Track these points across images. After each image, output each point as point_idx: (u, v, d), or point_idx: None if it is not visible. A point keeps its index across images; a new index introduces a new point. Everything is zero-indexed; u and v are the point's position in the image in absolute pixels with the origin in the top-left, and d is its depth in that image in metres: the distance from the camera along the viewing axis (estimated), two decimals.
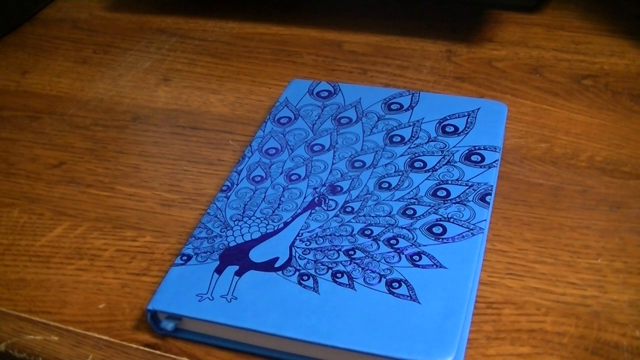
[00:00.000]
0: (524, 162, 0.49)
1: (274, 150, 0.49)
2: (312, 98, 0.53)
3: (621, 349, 0.37)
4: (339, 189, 0.45)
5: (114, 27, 0.70)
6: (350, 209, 0.44)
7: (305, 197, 0.45)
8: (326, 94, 0.54)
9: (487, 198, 0.43)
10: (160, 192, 0.50)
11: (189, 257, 0.41)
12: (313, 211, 0.44)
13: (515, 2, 0.66)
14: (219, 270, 0.40)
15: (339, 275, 0.39)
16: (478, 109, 0.51)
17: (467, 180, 0.45)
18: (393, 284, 0.39)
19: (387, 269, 0.40)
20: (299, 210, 0.44)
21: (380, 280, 0.39)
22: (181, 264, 0.41)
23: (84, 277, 0.44)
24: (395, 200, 0.44)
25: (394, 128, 0.50)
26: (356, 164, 0.47)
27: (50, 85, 0.62)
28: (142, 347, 0.40)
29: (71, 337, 0.41)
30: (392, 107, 0.51)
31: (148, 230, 0.46)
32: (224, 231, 0.43)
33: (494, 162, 0.46)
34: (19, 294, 0.43)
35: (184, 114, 0.57)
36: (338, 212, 0.43)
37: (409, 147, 0.48)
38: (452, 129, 0.49)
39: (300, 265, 0.40)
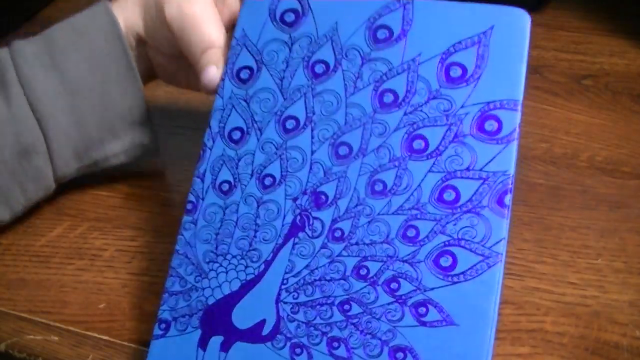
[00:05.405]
0: (524, 162, 0.49)
1: (239, 134, 0.39)
2: (275, 27, 0.41)
3: (621, 349, 0.37)
4: (323, 198, 0.37)
5: None
6: (339, 233, 0.36)
7: (284, 217, 0.37)
8: (292, 17, 0.41)
9: (506, 199, 0.35)
10: (160, 192, 0.49)
11: (168, 325, 0.37)
12: (296, 240, 0.37)
13: (515, 2, 0.66)
14: (203, 343, 0.36)
15: (335, 344, 0.34)
16: (491, 27, 0.38)
17: (481, 170, 0.35)
18: (397, 355, 0.34)
19: (389, 330, 0.34)
20: (280, 240, 0.37)
21: (382, 351, 0.34)
22: (161, 335, 0.37)
23: (84, 277, 0.44)
24: (393, 214, 0.36)
25: (384, 77, 0.38)
26: (341, 151, 0.37)
27: None
28: (142, 347, 0.39)
29: (71, 337, 0.41)
30: (379, 34, 0.39)
31: (148, 230, 0.46)
32: (199, 280, 0.37)
33: (513, 130, 0.36)
34: (19, 294, 0.43)
35: (184, 114, 0.57)
36: (325, 241, 0.36)
37: (405, 113, 0.37)
38: (459, 71, 0.37)
39: (290, 332, 0.35)
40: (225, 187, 0.39)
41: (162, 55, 0.47)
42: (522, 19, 0.38)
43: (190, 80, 0.48)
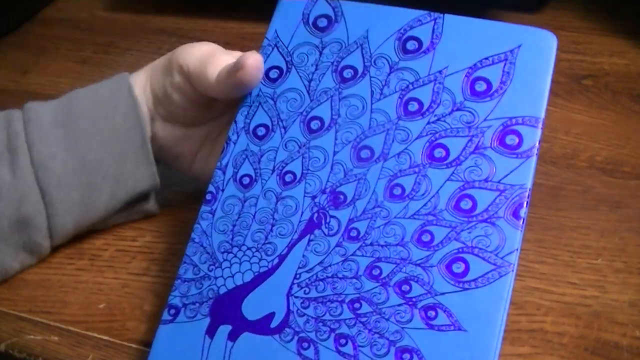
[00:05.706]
0: None
1: (263, 130, 0.40)
2: (308, 31, 0.41)
3: (621, 349, 0.37)
4: (341, 198, 0.37)
5: (114, 27, 0.70)
6: (355, 232, 0.37)
7: (302, 214, 0.38)
8: (325, 22, 0.41)
9: (521, 212, 0.35)
10: (160, 191, 0.49)
11: (177, 311, 0.37)
12: (312, 237, 0.37)
13: (515, 2, 0.66)
14: (211, 331, 0.36)
15: (342, 341, 0.35)
16: (519, 46, 0.38)
17: (499, 181, 0.36)
18: (403, 356, 0.34)
19: (397, 331, 0.34)
20: (295, 236, 0.37)
21: (388, 351, 0.34)
22: (169, 321, 0.37)
23: (84, 277, 0.44)
24: (409, 218, 0.36)
25: (410, 86, 0.39)
26: (362, 154, 0.38)
27: (51, 85, 0.62)
28: (142, 347, 0.40)
29: (71, 337, 0.41)
30: (409, 45, 0.39)
31: (148, 230, 0.46)
32: (212, 269, 0.38)
33: (532, 146, 0.36)
34: (19, 294, 0.43)
35: None
36: (341, 240, 0.37)
37: (428, 122, 0.38)
38: (484, 85, 0.38)
39: (299, 326, 0.35)
40: (246, 180, 0.39)
41: (170, 128, 0.45)
42: (549, 41, 0.38)
43: (195, 165, 0.46)
